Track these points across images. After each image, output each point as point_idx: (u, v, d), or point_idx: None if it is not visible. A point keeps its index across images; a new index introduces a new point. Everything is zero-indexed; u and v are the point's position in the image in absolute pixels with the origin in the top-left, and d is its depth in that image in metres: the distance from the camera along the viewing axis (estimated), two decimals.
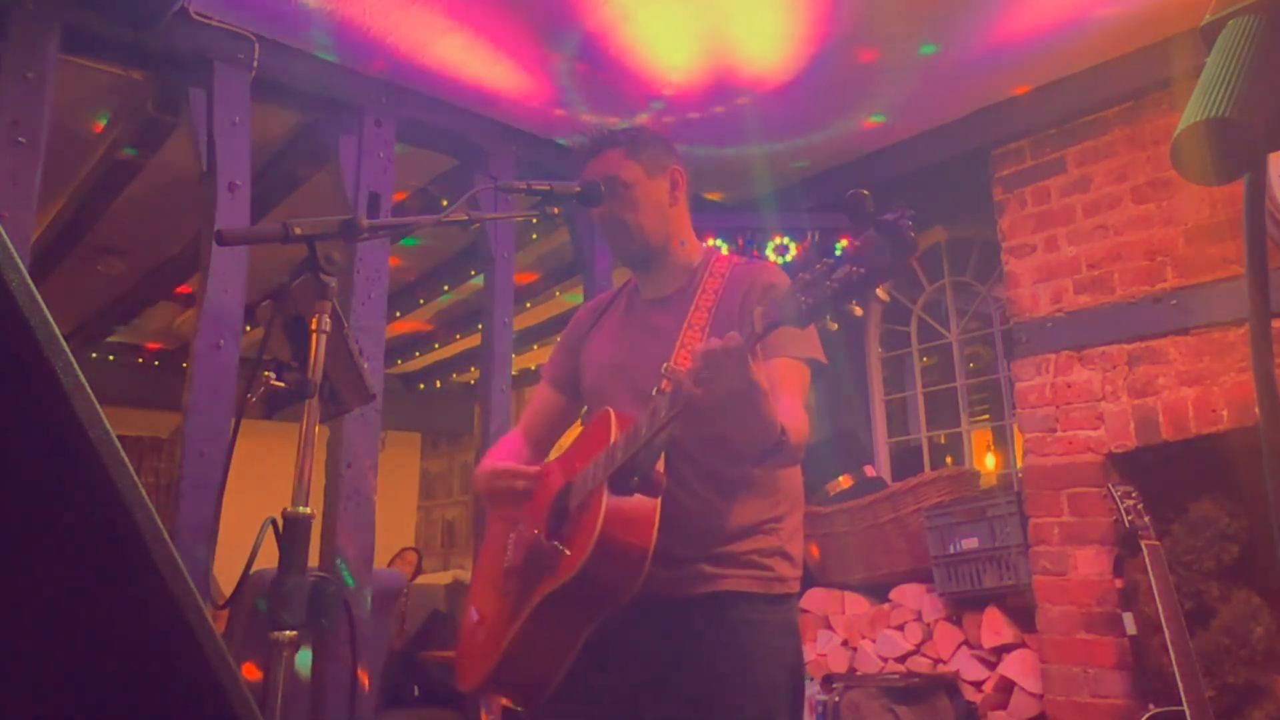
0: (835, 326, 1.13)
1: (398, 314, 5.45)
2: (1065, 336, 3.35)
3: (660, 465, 1.39)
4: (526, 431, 1.83)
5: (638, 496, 1.37)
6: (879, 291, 1.11)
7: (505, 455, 1.73)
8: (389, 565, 6.15)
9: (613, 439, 1.44)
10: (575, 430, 1.75)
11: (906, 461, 4.44)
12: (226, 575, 1.90)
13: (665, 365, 1.43)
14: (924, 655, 3.51)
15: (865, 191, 1.10)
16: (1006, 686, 3.30)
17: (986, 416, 4.50)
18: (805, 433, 1.44)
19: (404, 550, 6.69)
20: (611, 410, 1.52)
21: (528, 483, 1.56)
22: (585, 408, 1.80)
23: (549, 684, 1.46)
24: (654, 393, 1.36)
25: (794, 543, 1.58)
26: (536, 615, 1.44)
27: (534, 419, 1.84)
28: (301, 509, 1.25)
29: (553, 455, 1.80)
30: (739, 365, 1.20)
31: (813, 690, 3.49)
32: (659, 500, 1.38)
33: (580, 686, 1.47)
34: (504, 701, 1.65)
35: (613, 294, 1.86)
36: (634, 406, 1.47)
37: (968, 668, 3.38)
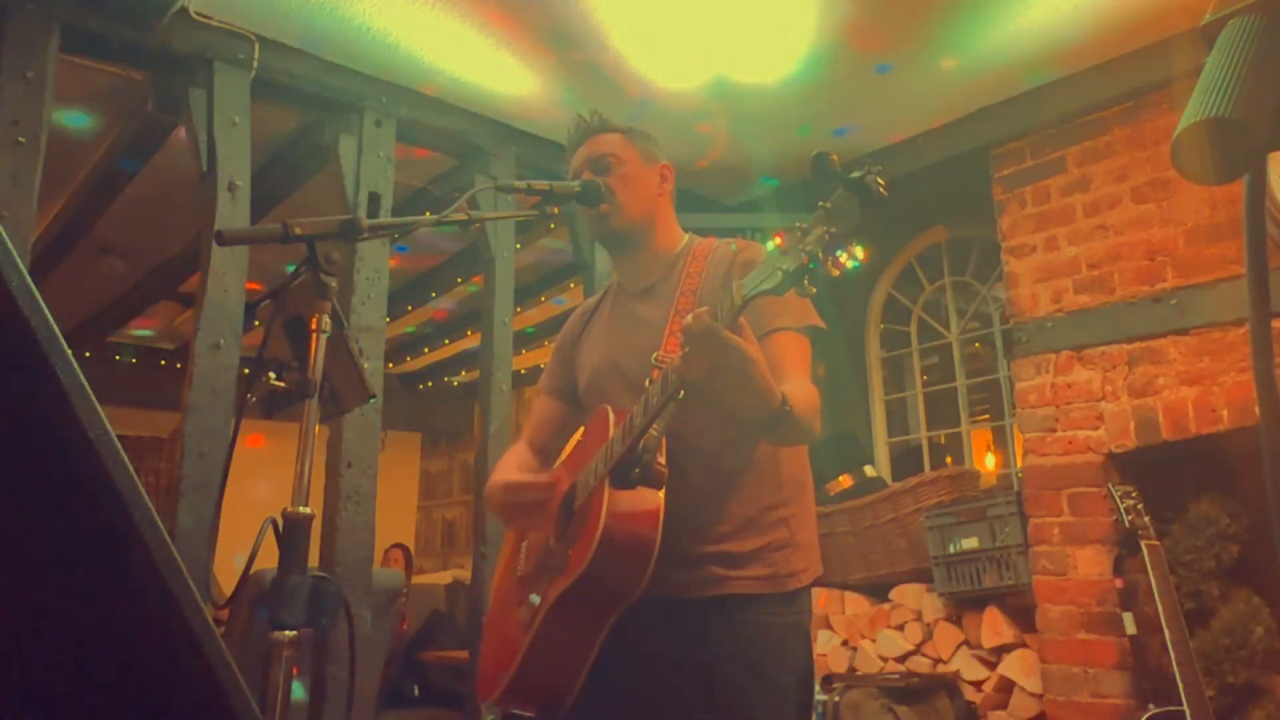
0: (814, 290, 1.13)
1: (409, 308, 5.45)
2: (1065, 336, 3.35)
3: (662, 457, 1.38)
4: (532, 443, 1.82)
5: (640, 489, 1.36)
6: (855, 252, 1.11)
7: (514, 468, 1.71)
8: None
9: (611, 434, 1.44)
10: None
11: (906, 461, 4.43)
12: (226, 575, 1.90)
13: (655, 355, 1.43)
14: (924, 655, 3.51)
15: (832, 153, 1.11)
16: (1006, 686, 3.30)
17: (986, 416, 4.50)
18: (813, 404, 1.41)
19: (390, 548, 6.32)
20: (608, 407, 1.51)
21: (540, 493, 1.54)
22: (584, 407, 1.80)
23: (568, 692, 1.43)
24: (646, 384, 1.36)
25: (804, 531, 1.55)
26: (550, 619, 1.42)
27: (537, 430, 1.83)
28: (301, 509, 1.25)
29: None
30: (715, 338, 1.19)
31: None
32: (663, 491, 1.37)
33: (592, 691, 1.46)
34: (524, 712, 1.61)
35: (599, 297, 1.85)
36: (630, 401, 1.45)
37: (968, 668, 3.38)
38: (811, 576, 1.55)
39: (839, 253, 1.10)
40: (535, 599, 1.50)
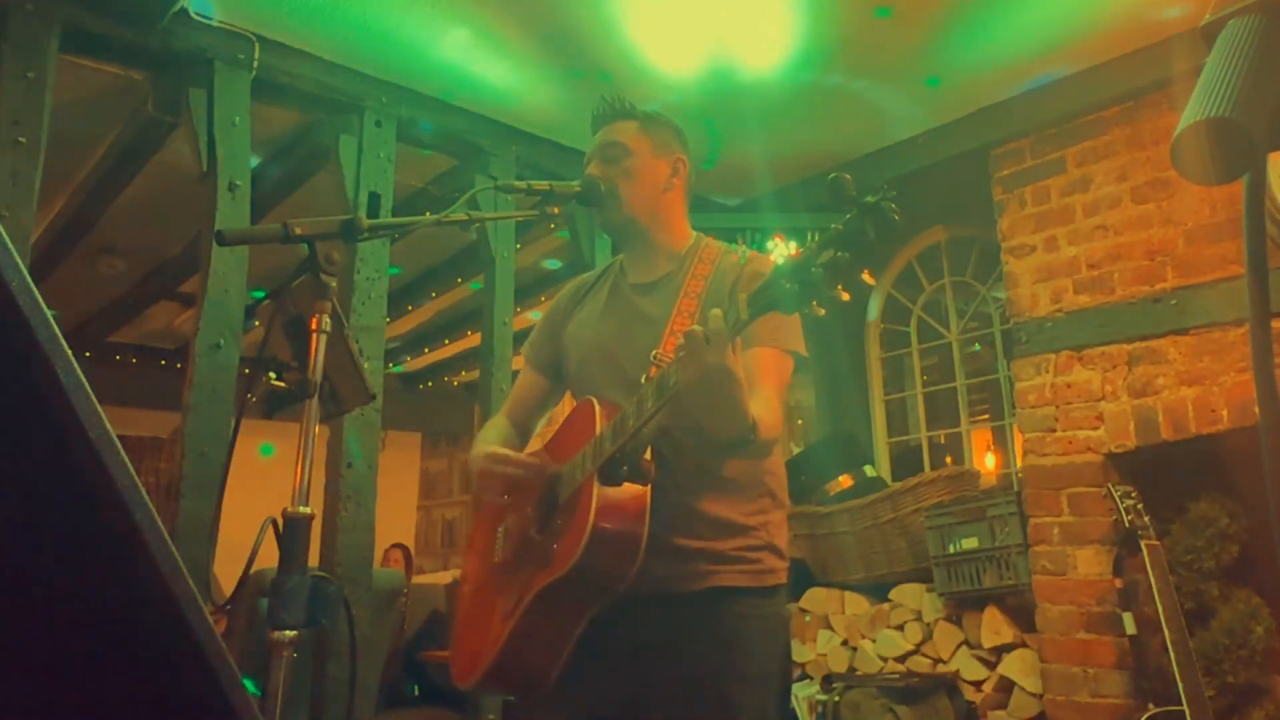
0: (823, 312, 1.13)
1: (410, 307, 5.45)
2: (1065, 336, 3.35)
3: (648, 454, 1.39)
4: (511, 416, 1.82)
5: (628, 486, 1.37)
6: (864, 275, 1.12)
7: (496, 441, 1.71)
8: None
9: (598, 429, 1.44)
10: (559, 416, 1.75)
11: (906, 461, 4.43)
12: (226, 575, 1.89)
13: (654, 352, 1.43)
14: (924, 655, 3.51)
15: (847, 175, 1.11)
16: (1006, 686, 3.30)
17: (986, 416, 4.50)
18: (777, 427, 1.45)
19: (390, 548, 6.30)
20: (595, 400, 1.52)
21: (525, 471, 1.55)
22: (569, 390, 1.80)
23: (547, 676, 1.47)
24: (642, 380, 1.36)
25: (780, 536, 1.60)
26: (532, 609, 1.43)
27: (518, 403, 1.84)
28: (301, 509, 1.25)
29: (537, 442, 1.80)
30: (717, 349, 1.20)
31: (813, 690, 3.49)
32: (649, 488, 1.39)
33: (578, 682, 1.47)
34: (501, 694, 1.64)
35: (596, 274, 1.84)
36: (621, 394, 1.47)
37: (967, 668, 3.38)
38: (785, 576, 1.59)
39: (850, 276, 1.10)
40: (516, 588, 1.50)
